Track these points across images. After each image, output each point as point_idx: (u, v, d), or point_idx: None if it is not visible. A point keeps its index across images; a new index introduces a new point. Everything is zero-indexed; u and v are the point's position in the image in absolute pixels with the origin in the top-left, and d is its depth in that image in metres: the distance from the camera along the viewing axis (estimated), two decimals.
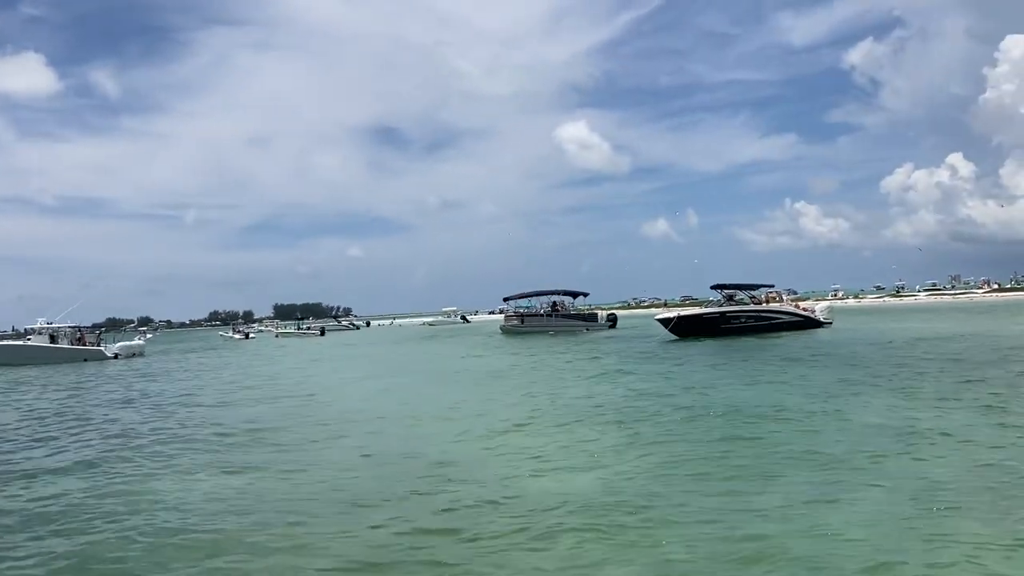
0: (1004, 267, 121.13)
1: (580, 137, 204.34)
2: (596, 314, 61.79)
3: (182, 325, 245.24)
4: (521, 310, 61.23)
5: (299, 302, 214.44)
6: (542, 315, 58.84)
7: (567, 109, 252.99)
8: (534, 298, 61.39)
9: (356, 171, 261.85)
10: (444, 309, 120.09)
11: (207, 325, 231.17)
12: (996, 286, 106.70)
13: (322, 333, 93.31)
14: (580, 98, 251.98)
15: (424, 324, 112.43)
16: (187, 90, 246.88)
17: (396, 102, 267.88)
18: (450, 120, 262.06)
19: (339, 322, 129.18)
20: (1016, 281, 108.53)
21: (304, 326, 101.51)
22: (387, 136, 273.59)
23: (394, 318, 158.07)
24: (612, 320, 60.03)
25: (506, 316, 62.58)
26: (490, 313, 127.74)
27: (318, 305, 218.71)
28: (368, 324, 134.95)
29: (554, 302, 59.90)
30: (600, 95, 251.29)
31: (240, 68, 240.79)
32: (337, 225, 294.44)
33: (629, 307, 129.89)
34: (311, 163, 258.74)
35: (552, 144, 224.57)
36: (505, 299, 64.10)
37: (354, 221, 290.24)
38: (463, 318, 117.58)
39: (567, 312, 59.43)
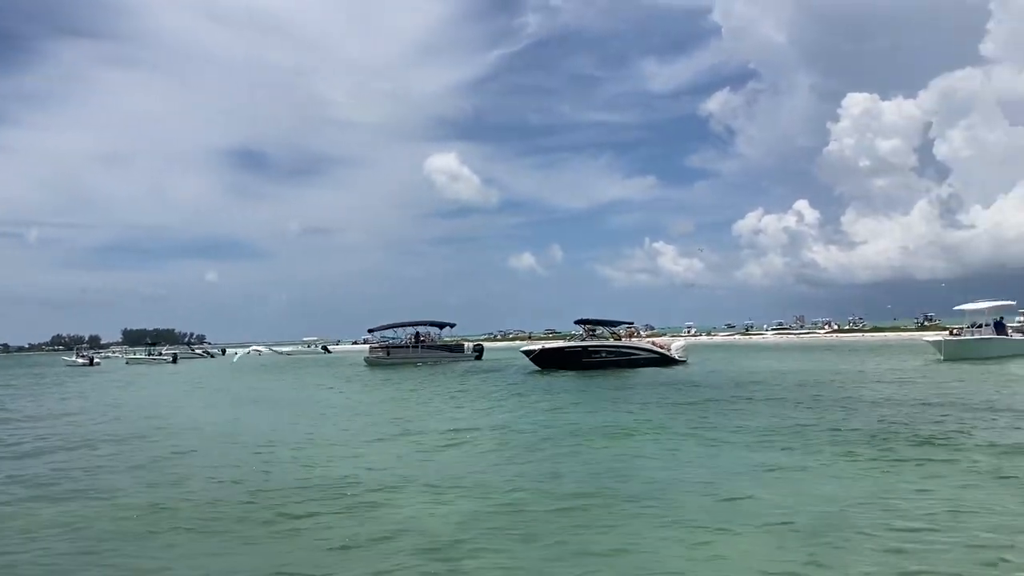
0: (843, 308, 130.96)
1: (450, 169, 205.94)
2: (462, 345, 62.00)
3: (21, 349, 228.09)
4: (386, 341, 60.41)
5: (150, 327, 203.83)
6: (407, 346, 58.29)
7: (437, 140, 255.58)
8: (400, 329, 60.72)
9: (215, 194, 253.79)
10: (305, 339, 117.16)
11: (49, 349, 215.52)
12: (836, 327, 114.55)
13: (174, 360, 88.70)
14: (450, 130, 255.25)
15: (283, 353, 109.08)
16: (35, 102, 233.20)
17: (260, 126, 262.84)
18: (316, 146, 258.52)
19: (192, 349, 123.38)
20: (853, 323, 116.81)
21: (155, 352, 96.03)
22: (249, 160, 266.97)
23: (252, 347, 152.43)
24: (478, 351, 60.42)
25: (371, 347, 61.54)
26: (353, 343, 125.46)
27: (170, 331, 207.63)
28: (223, 352, 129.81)
29: (418, 333, 59.51)
30: (470, 128, 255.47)
31: (94, 82, 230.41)
32: (193, 249, 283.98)
33: (495, 339, 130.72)
34: (167, 184, 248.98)
35: (421, 174, 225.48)
36: (370, 330, 63.12)
37: (211, 245, 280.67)
38: (324, 348, 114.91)
39: (433, 343, 59.16)
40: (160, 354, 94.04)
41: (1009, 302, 46.98)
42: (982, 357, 38.53)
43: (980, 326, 43.03)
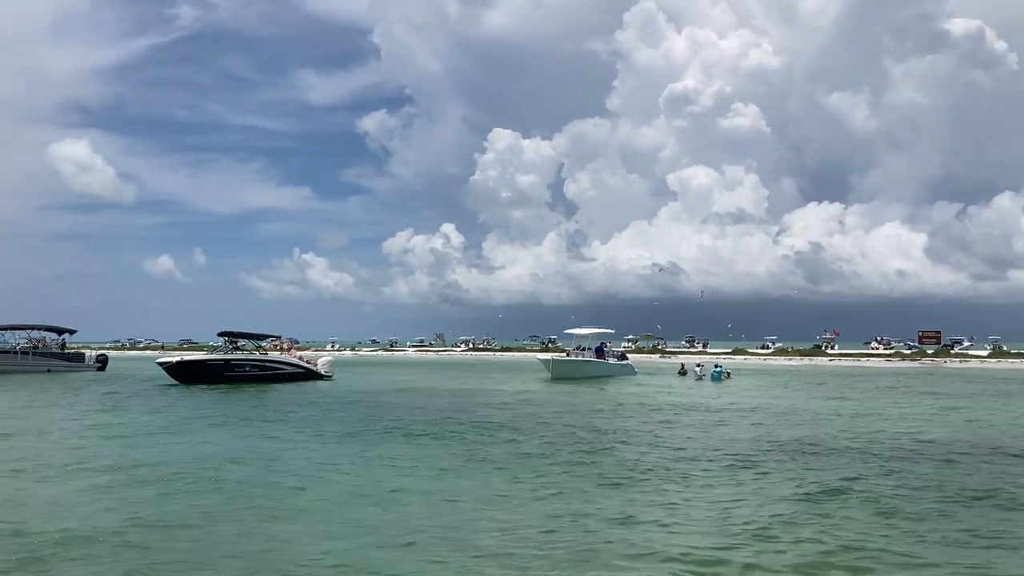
0: (481, 328, 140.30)
1: (80, 158, 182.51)
2: (83, 354, 57.30)
3: None
4: None
5: None
6: (16, 353, 51.68)
7: (67, 127, 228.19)
8: (8, 332, 53.67)
9: None
10: None
11: None
12: (472, 345, 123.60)
13: None
14: (83, 117, 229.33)
15: None
16: None
17: None
18: None
19: None
20: (487, 342, 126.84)
21: None
22: None
23: None
24: (102, 361, 55.67)
25: None
26: None
27: None
28: None
29: (34, 339, 53.22)
30: (107, 117, 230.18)
31: None
32: None
33: (124, 348, 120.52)
34: None
35: (44, 162, 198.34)
36: None
37: None
38: None
39: (49, 351, 53.26)
40: None
41: (608, 329, 55.16)
42: (584, 377, 44.70)
43: (584, 349, 49.88)
